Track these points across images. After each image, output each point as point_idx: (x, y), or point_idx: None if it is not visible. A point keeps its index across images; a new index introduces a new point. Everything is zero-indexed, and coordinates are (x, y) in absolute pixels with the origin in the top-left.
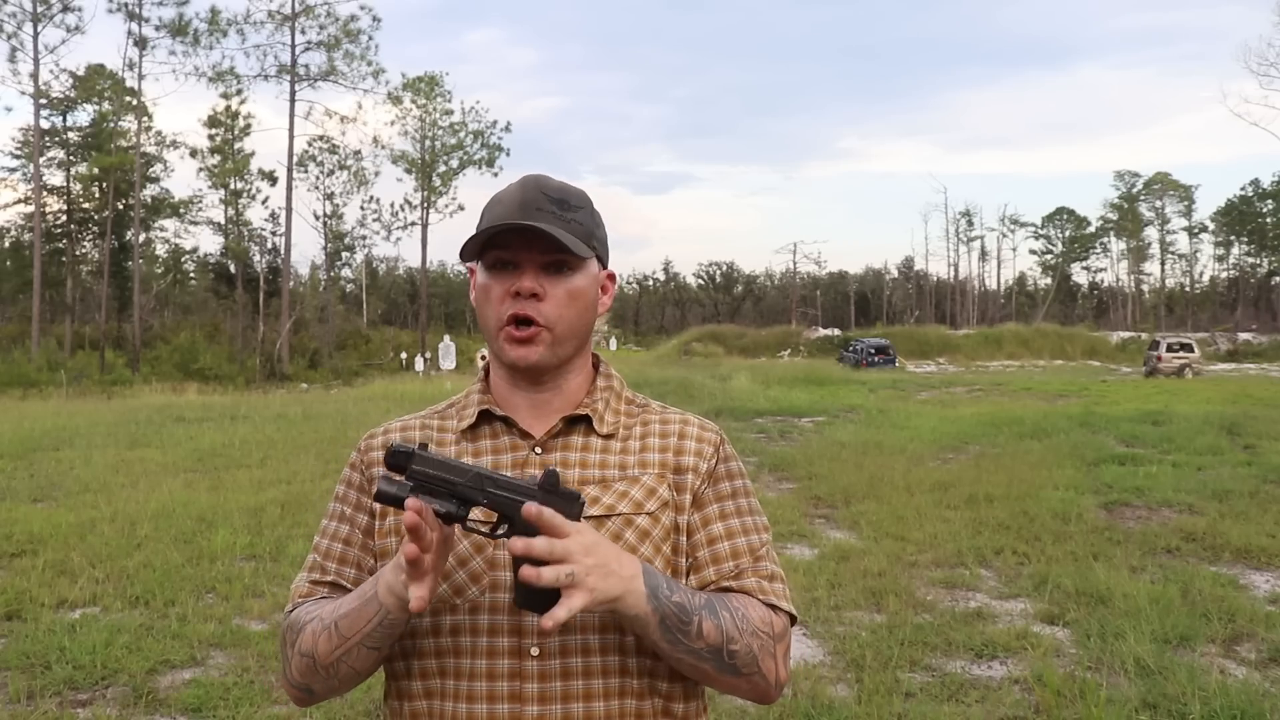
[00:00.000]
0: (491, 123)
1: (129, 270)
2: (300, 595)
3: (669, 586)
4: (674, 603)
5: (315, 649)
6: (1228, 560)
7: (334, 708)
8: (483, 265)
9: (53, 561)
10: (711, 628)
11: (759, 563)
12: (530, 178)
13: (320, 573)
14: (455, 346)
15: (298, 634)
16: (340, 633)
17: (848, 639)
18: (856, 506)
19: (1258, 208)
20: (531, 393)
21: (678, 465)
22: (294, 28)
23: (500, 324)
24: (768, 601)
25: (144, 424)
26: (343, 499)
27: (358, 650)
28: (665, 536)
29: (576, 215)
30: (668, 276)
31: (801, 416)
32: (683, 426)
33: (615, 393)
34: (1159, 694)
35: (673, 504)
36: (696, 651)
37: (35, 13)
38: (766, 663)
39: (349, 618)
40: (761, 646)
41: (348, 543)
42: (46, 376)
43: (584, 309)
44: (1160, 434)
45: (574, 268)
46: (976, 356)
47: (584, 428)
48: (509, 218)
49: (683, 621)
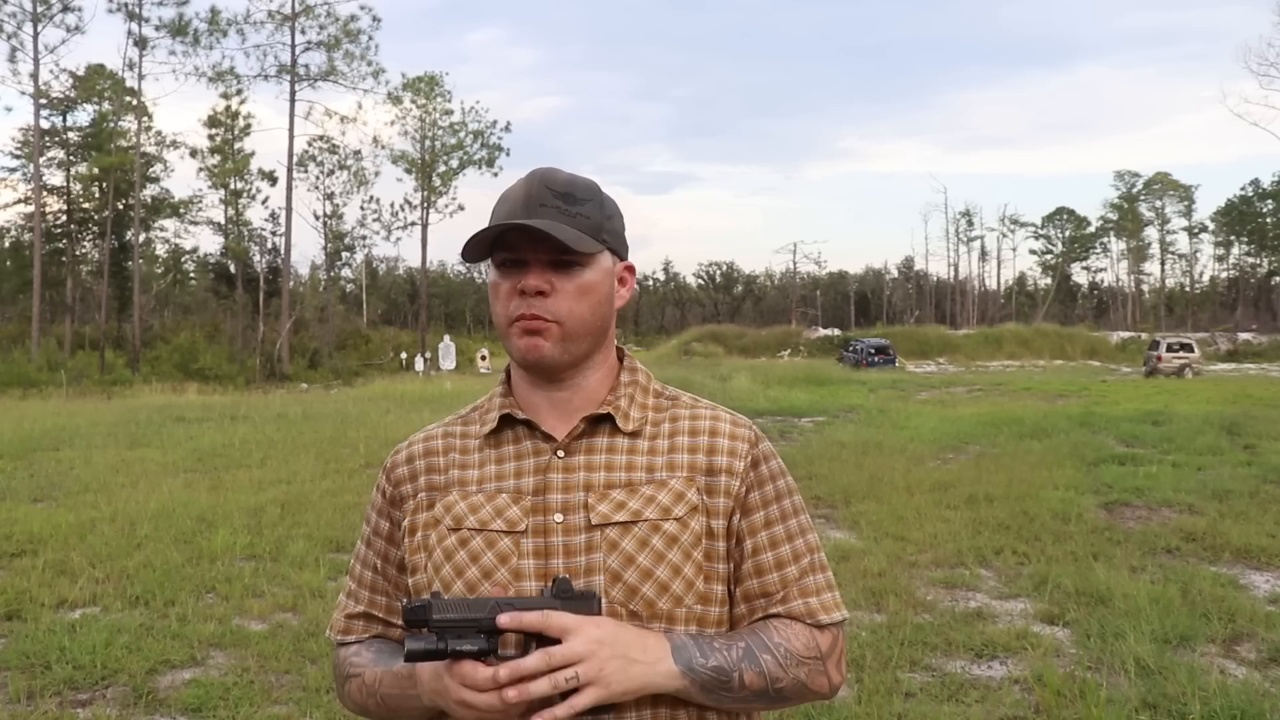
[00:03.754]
0: (491, 123)
1: (129, 270)
2: (339, 631)
3: (703, 652)
4: (710, 668)
5: (367, 707)
6: (1228, 560)
7: (335, 709)
8: (492, 264)
9: (53, 561)
10: (754, 677)
11: (804, 577)
12: (537, 172)
13: (355, 602)
14: (455, 346)
15: (345, 680)
16: (387, 705)
17: (848, 639)
18: (856, 506)
19: (1258, 208)
20: (551, 391)
21: (709, 466)
22: (294, 28)
23: (510, 320)
24: (815, 622)
25: (144, 424)
26: (373, 525)
27: (410, 715)
28: (696, 542)
29: (583, 209)
30: (668, 276)
31: (801, 416)
32: (714, 424)
33: (641, 386)
34: (1159, 694)
35: (703, 508)
36: (741, 699)
37: (35, 13)
38: (818, 681)
39: (394, 699)
40: (810, 672)
41: (377, 571)
42: (46, 376)
43: (596, 304)
44: (1160, 434)
45: (583, 263)
46: (976, 356)
47: (608, 427)
48: (513, 216)
49: (722, 682)
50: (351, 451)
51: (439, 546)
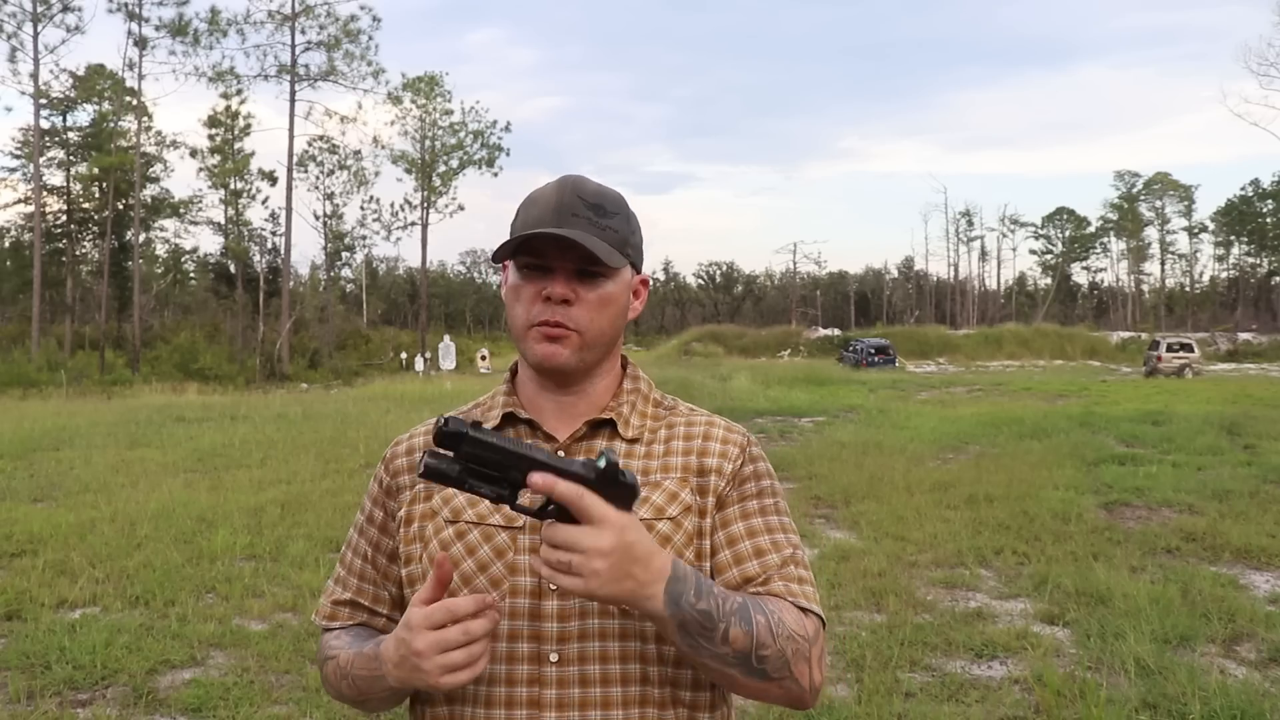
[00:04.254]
0: (491, 123)
1: (129, 270)
2: (325, 616)
3: (697, 593)
4: (699, 610)
5: (340, 689)
6: (1228, 560)
7: (336, 709)
8: (515, 265)
9: (53, 561)
10: (740, 634)
11: (786, 566)
12: (568, 180)
13: (343, 588)
14: (455, 347)
15: (324, 663)
16: (358, 687)
17: (848, 639)
18: (856, 506)
19: (1258, 208)
20: (558, 395)
21: (701, 467)
22: (294, 28)
23: (529, 324)
24: (797, 604)
25: (144, 424)
26: (367, 514)
27: (378, 700)
28: (688, 542)
29: (612, 222)
30: (668, 276)
31: (801, 416)
32: (708, 428)
33: (642, 395)
34: (1159, 694)
35: (695, 508)
36: (721, 656)
37: (35, 13)
38: (800, 666)
39: (364, 681)
40: (796, 651)
41: (367, 560)
42: (46, 376)
43: (615, 315)
44: (1160, 434)
45: (607, 275)
46: (976, 356)
47: (608, 432)
48: (544, 222)
49: (705, 628)
50: (351, 451)
51: (435, 538)
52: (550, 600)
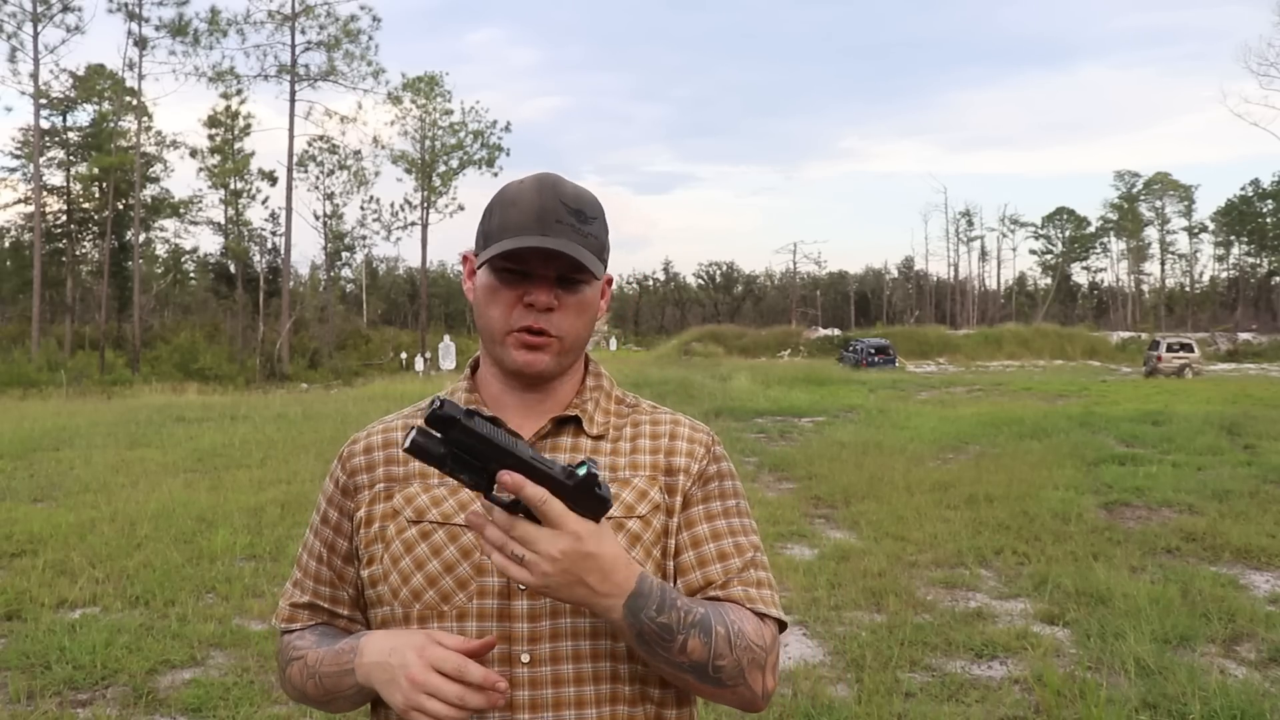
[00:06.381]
0: (491, 123)
1: (129, 270)
2: (284, 619)
3: (659, 607)
4: (658, 623)
5: (305, 690)
6: (1228, 560)
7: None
8: (490, 268)
9: (53, 561)
10: (698, 645)
11: (747, 570)
12: (547, 181)
13: (300, 591)
14: (455, 346)
15: (287, 665)
16: (324, 686)
17: (848, 639)
18: (856, 506)
19: (1258, 208)
20: (524, 393)
21: (669, 466)
22: (294, 28)
23: (508, 330)
24: (756, 610)
25: (144, 424)
26: (321, 514)
27: (343, 699)
28: (656, 540)
29: (592, 228)
30: (668, 276)
31: (801, 416)
32: (674, 427)
33: (605, 392)
34: (1159, 694)
35: (664, 506)
36: (677, 664)
37: (35, 13)
38: (754, 674)
39: (330, 678)
40: (752, 660)
41: (322, 561)
42: (46, 376)
43: (591, 319)
44: (1160, 434)
45: (586, 281)
46: (976, 356)
47: (573, 428)
48: (527, 228)
49: (664, 639)
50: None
51: (398, 539)
52: (520, 600)
